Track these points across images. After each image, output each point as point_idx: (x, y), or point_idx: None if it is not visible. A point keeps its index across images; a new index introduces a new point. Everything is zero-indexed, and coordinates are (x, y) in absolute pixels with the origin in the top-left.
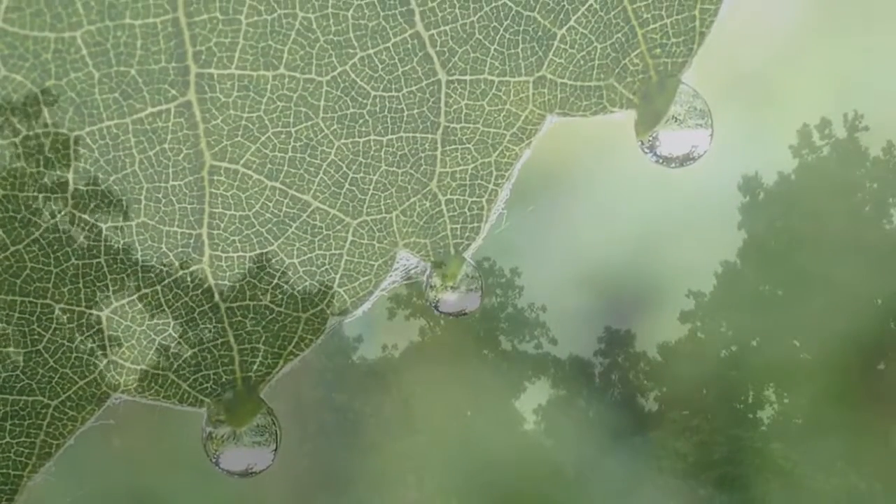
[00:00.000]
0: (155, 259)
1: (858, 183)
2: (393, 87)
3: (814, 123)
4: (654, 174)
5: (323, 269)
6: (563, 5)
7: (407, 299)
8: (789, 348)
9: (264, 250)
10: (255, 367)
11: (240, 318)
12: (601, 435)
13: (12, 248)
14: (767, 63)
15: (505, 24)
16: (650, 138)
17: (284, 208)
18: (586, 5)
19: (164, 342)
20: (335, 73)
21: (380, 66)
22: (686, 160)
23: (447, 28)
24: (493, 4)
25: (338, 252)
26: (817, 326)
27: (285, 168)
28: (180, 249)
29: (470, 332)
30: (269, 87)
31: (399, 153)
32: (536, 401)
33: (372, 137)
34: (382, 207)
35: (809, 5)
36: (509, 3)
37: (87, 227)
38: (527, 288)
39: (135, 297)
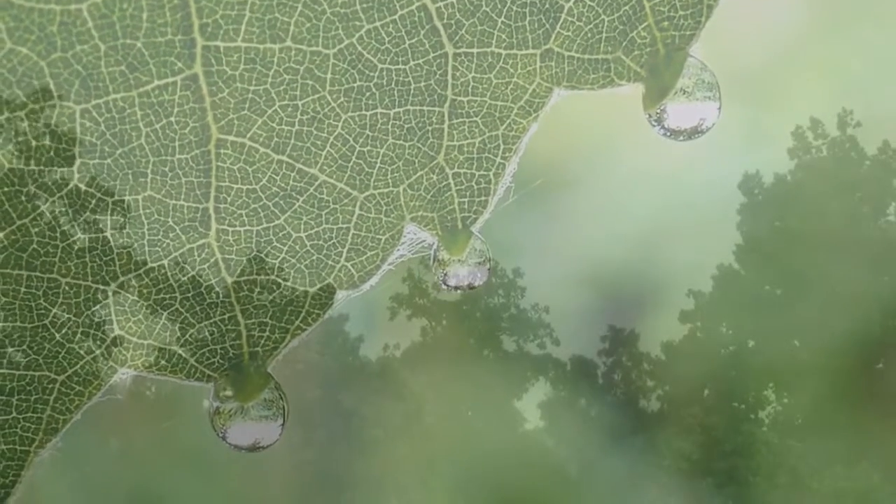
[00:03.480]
0: (161, 233)
1: (856, 182)
2: (400, 59)
3: (812, 123)
4: (654, 175)
5: (330, 243)
6: None
7: (408, 299)
8: (789, 348)
9: (271, 224)
10: (262, 341)
11: (247, 292)
12: (603, 435)
13: (18, 223)
14: (766, 63)
15: None
16: (658, 111)
17: (291, 182)
18: None
19: (170, 317)
20: (342, 45)
21: (386, 39)
22: (694, 133)
23: (454, 0)
24: None
25: (345, 226)
26: (817, 326)
27: (292, 141)
28: (187, 223)
29: (471, 333)
30: (275, 59)
31: (406, 126)
32: (538, 400)
33: (379, 111)
34: (390, 181)
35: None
36: None
37: (92, 202)
38: (529, 288)
39: (141, 271)
